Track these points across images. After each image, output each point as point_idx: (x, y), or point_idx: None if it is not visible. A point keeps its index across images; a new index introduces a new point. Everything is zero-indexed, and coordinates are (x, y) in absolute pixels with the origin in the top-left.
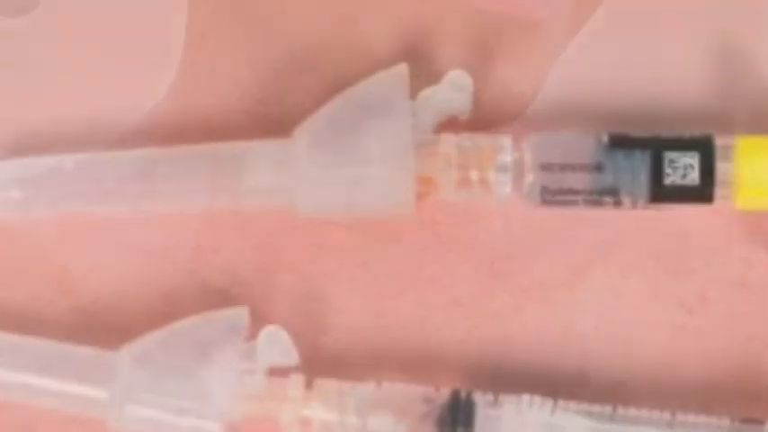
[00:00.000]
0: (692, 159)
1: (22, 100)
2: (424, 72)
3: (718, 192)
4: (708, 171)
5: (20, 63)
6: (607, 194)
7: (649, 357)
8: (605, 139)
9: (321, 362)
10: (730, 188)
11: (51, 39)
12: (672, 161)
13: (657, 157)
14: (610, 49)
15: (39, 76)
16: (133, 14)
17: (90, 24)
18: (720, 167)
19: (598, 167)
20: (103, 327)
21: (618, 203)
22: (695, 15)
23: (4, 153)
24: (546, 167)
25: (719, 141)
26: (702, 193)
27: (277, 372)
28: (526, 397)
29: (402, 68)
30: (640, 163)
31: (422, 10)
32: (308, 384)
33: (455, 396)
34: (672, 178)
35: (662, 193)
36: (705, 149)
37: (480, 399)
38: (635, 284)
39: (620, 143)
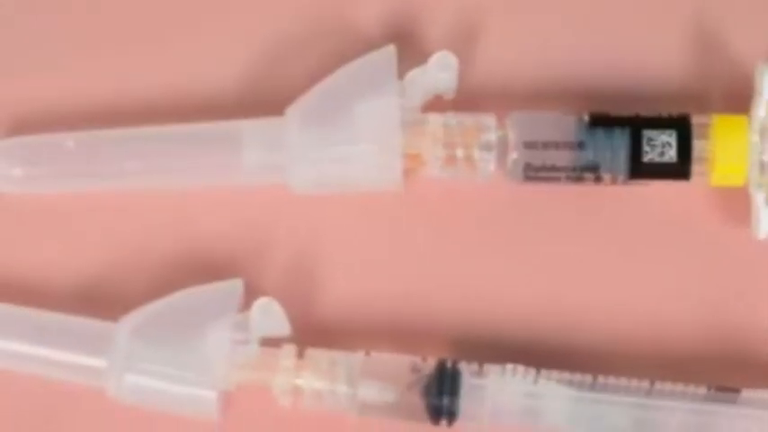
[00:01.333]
0: (669, 137)
1: (22, 80)
2: (411, 53)
3: (695, 168)
4: (685, 148)
5: (20, 43)
6: (588, 171)
7: (629, 329)
8: (586, 118)
9: (312, 332)
10: (706, 165)
11: (50, 20)
12: (650, 139)
13: (636, 136)
14: (591, 32)
15: (38, 57)
16: None
17: (88, 6)
18: (697, 145)
19: (579, 145)
20: (103, 299)
21: (598, 180)
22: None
23: (5, 132)
24: (529, 145)
25: (696, 120)
26: (679, 169)
27: (270, 342)
28: (510, 366)
29: (390, 50)
30: (620, 141)
31: None
32: (300, 354)
33: (441, 365)
34: (650, 155)
35: (641, 170)
36: (682, 128)
37: (465, 368)
38: (614, 258)
39: (601, 122)
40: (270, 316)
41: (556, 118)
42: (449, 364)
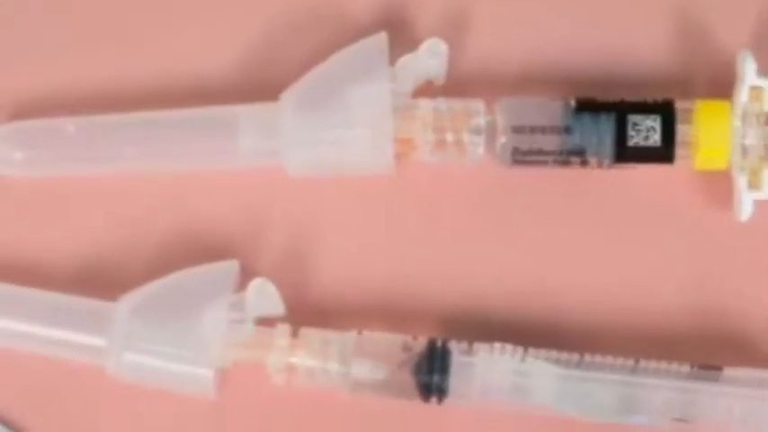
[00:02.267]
0: (654, 122)
1: (23, 67)
2: (402, 40)
3: (679, 152)
4: (669, 133)
5: (21, 31)
6: (575, 155)
7: (614, 308)
8: (573, 103)
9: (306, 312)
10: (690, 149)
11: (49, 7)
12: (635, 124)
13: (622, 120)
14: (578, 20)
15: (39, 44)
16: None
17: None
18: (680, 130)
19: (566, 130)
20: (102, 279)
21: (585, 163)
22: None
23: (7, 117)
24: (517, 130)
25: (680, 105)
26: (664, 153)
27: (264, 321)
28: (498, 345)
29: (382, 37)
30: (606, 126)
31: None
32: (294, 333)
33: (432, 344)
34: (635, 140)
35: (626, 154)
36: (666, 113)
37: (455, 347)
38: (600, 240)
39: (587, 107)
40: (265, 296)
41: (543, 103)
42: (439, 343)
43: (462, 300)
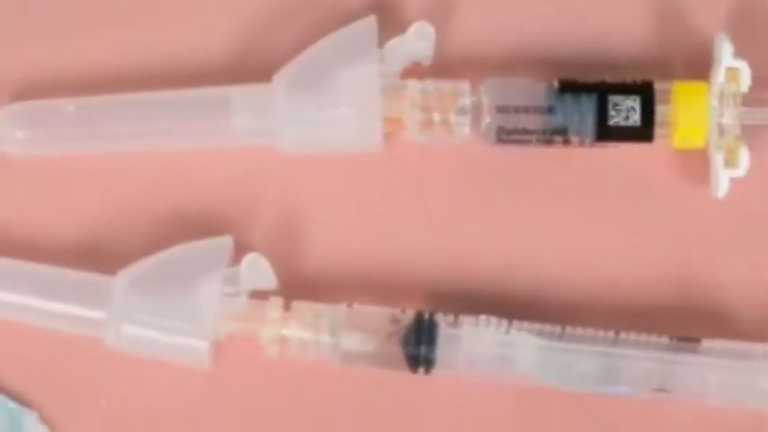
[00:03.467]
0: (634, 102)
1: (25, 49)
2: (391, 23)
3: (658, 132)
4: (648, 113)
5: (23, 15)
6: (557, 134)
7: (596, 282)
8: (556, 84)
9: (298, 286)
10: (668, 128)
11: None
12: (616, 104)
13: (603, 101)
14: (560, 4)
15: (40, 28)
16: None
17: None
18: (659, 110)
19: (549, 110)
20: (101, 254)
21: (567, 142)
22: None
23: (9, 97)
24: (502, 110)
25: (659, 86)
26: (643, 133)
27: (258, 295)
28: (483, 317)
29: (371, 20)
30: (587, 106)
31: None
32: (286, 306)
33: (419, 317)
34: (616, 119)
35: (607, 133)
36: (646, 93)
37: (442, 319)
38: (582, 216)
39: (569, 88)
40: (258, 270)
41: (527, 84)
42: (426, 316)
43: (449, 274)
